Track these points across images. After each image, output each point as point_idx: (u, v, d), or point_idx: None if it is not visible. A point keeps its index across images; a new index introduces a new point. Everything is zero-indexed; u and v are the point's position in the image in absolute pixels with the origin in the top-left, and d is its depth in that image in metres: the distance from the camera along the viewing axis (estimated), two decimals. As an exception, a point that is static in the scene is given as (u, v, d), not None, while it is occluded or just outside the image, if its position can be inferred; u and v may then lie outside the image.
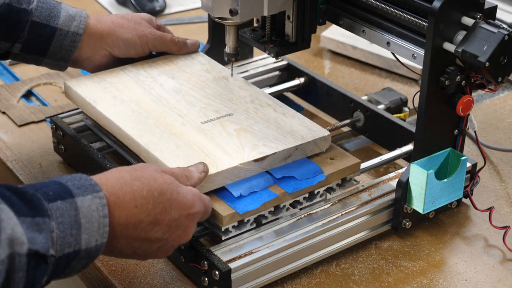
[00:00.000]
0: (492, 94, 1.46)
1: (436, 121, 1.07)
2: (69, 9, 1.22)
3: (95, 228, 0.83)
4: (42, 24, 1.19)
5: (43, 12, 1.19)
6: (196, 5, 1.82)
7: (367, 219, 1.10)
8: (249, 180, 1.06)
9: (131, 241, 0.88)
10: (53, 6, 1.21)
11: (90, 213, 0.82)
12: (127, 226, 0.87)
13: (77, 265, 0.83)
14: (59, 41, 1.20)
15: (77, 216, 0.81)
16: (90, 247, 0.83)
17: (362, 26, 1.17)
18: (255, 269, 1.01)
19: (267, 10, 1.17)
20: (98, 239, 0.83)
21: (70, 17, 1.20)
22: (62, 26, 1.20)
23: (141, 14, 1.31)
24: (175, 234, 0.92)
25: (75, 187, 0.83)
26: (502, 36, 0.98)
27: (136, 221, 0.87)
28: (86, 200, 0.83)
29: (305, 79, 1.40)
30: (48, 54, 1.21)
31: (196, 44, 1.33)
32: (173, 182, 0.92)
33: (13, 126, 1.36)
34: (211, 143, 1.10)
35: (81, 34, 1.21)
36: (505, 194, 1.21)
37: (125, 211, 0.87)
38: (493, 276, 1.06)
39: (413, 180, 1.07)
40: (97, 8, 1.80)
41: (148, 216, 0.88)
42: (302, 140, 1.11)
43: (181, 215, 0.92)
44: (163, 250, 0.93)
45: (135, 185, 0.88)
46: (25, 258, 0.76)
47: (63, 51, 1.21)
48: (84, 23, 1.21)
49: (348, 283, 1.05)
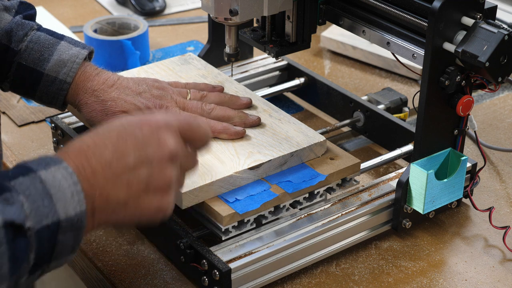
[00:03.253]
0: (492, 94, 1.46)
1: (436, 121, 1.07)
2: (64, 52, 1.11)
3: (68, 196, 0.78)
4: (29, 67, 1.10)
5: (32, 54, 1.10)
6: (196, 5, 1.82)
7: (367, 219, 1.10)
8: (244, 188, 1.06)
9: (111, 191, 0.81)
10: (46, 47, 1.11)
11: (58, 183, 0.78)
12: (96, 173, 0.81)
13: (65, 239, 0.79)
14: (45, 87, 1.11)
15: (44, 188, 0.77)
16: (70, 216, 0.78)
17: (362, 26, 1.17)
18: (255, 269, 1.01)
19: (267, 10, 1.17)
20: (76, 207, 0.78)
21: (60, 62, 1.10)
22: (50, 72, 1.10)
23: (168, 83, 1.18)
24: (153, 166, 0.84)
25: (35, 164, 0.79)
26: (502, 36, 0.98)
27: (104, 162, 0.81)
28: (49, 173, 0.78)
29: (305, 79, 1.40)
30: (36, 98, 1.13)
31: None
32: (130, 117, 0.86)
33: (13, 126, 1.36)
34: (206, 152, 1.09)
35: (69, 83, 1.10)
36: (505, 194, 1.21)
37: (92, 161, 0.81)
38: (493, 276, 1.06)
39: (413, 180, 1.07)
40: (97, 8, 1.80)
41: (114, 153, 0.82)
42: (297, 146, 1.11)
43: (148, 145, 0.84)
44: (153, 198, 0.84)
45: (94, 138, 0.83)
46: (2, 230, 0.73)
47: (49, 97, 1.12)
48: (75, 71, 1.10)
49: (348, 283, 1.05)
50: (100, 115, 1.11)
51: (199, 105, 1.15)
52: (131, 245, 1.10)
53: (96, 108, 1.11)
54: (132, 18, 1.58)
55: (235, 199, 1.04)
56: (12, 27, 1.11)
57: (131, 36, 1.51)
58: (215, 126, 1.13)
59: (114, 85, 1.12)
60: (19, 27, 1.11)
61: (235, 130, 1.13)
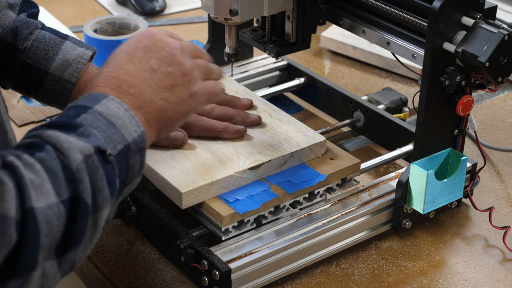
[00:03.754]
0: (492, 94, 1.46)
1: (436, 121, 1.07)
2: (69, 52, 1.11)
3: (127, 122, 0.84)
4: (33, 66, 1.10)
5: (37, 53, 1.10)
6: (196, 5, 1.82)
7: (367, 219, 1.10)
8: (244, 188, 1.06)
9: (149, 96, 0.89)
10: (51, 46, 1.11)
11: (114, 112, 0.84)
12: (132, 91, 0.88)
13: (134, 162, 0.85)
14: (49, 86, 1.11)
15: (105, 118, 0.83)
16: (134, 138, 0.85)
17: (362, 26, 1.17)
18: (255, 269, 1.01)
19: (267, 10, 1.17)
20: (136, 129, 0.85)
21: (65, 62, 1.10)
22: (54, 71, 1.10)
23: None
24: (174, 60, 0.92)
25: (86, 102, 0.85)
26: (502, 36, 0.98)
27: (131, 77, 0.89)
28: (103, 106, 0.84)
29: (305, 79, 1.40)
30: (38, 96, 1.13)
31: None
32: None
33: (13, 126, 1.36)
34: (206, 152, 1.09)
35: (73, 83, 1.10)
36: (505, 194, 1.21)
37: (123, 84, 0.88)
38: (493, 276, 1.06)
39: (413, 180, 1.07)
40: (97, 8, 1.80)
41: (134, 66, 0.90)
42: (297, 146, 1.11)
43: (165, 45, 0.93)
44: (182, 88, 0.92)
45: (110, 67, 0.91)
46: (95, 156, 0.80)
47: (53, 96, 1.12)
48: (80, 72, 1.11)
49: (348, 283, 1.05)
50: None
51: None
52: (131, 245, 1.10)
53: None
54: (132, 18, 1.58)
55: (235, 199, 1.04)
56: (17, 25, 1.11)
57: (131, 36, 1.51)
58: (216, 125, 1.13)
59: None
60: (24, 26, 1.11)
61: (236, 129, 1.13)
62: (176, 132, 1.10)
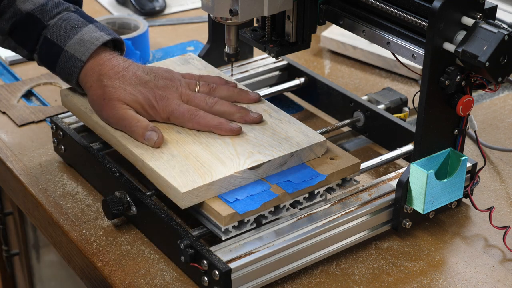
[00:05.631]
0: (492, 94, 1.46)
1: (436, 121, 1.07)
2: (87, 33, 1.17)
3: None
4: (52, 42, 1.16)
5: (58, 30, 1.16)
6: (196, 5, 1.82)
7: (367, 219, 1.10)
8: (244, 188, 1.06)
9: None
10: (73, 26, 1.17)
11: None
12: None
13: None
14: (63, 62, 1.16)
15: None
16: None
17: (362, 26, 1.17)
18: (255, 269, 1.01)
19: (267, 10, 1.17)
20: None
21: (80, 41, 1.15)
22: (69, 48, 1.16)
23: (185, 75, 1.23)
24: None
25: None
26: (502, 36, 0.98)
27: None
28: None
29: (305, 79, 1.40)
30: (56, 72, 1.19)
31: None
32: None
33: (13, 126, 1.36)
34: (207, 152, 1.09)
35: (83, 62, 1.15)
36: (505, 194, 1.21)
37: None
38: (493, 276, 1.06)
39: (413, 180, 1.07)
40: (97, 8, 1.80)
41: None
42: (297, 146, 1.11)
43: None
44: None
45: None
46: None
47: (65, 73, 1.17)
48: (90, 52, 1.15)
49: (348, 283, 1.05)
50: (98, 100, 1.14)
51: (203, 98, 1.16)
52: (131, 245, 1.10)
53: (98, 92, 1.14)
54: (132, 18, 1.58)
55: (235, 199, 1.04)
56: (47, 3, 1.18)
57: (131, 36, 1.51)
58: (210, 122, 1.13)
59: (120, 72, 1.15)
60: (54, 5, 1.18)
61: (229, 127, 1.13)
62: (151, 132, 1.11)
